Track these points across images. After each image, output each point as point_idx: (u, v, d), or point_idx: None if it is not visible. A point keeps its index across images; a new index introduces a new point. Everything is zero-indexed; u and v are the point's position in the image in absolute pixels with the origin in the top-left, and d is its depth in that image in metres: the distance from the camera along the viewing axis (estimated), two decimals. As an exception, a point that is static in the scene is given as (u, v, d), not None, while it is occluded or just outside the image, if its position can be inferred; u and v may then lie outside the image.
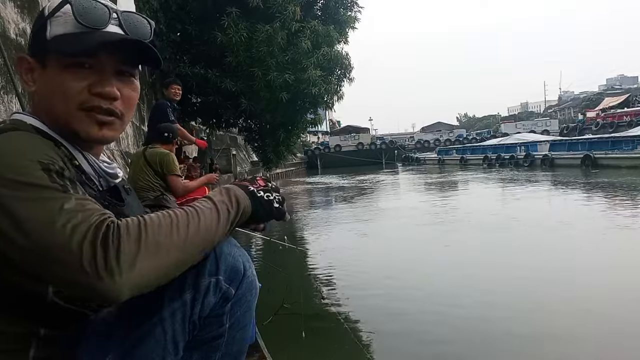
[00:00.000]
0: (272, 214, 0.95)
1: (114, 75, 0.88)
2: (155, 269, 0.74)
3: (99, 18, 0.85)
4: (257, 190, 0.93)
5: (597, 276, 4.86)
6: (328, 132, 62.97)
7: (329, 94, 10.93)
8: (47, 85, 0.86)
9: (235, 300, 0.95)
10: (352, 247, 7.31)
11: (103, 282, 0.69)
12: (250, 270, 0.98)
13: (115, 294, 0.71)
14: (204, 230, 0.81)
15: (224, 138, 20.60)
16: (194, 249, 0.80)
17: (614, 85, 77.43)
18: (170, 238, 0.76)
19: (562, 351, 3.25)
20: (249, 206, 0.90)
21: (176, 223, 0.78)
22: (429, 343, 3.50)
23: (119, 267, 0.70)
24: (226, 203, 0.86)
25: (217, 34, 9.61)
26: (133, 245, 0.72)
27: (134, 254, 0.72)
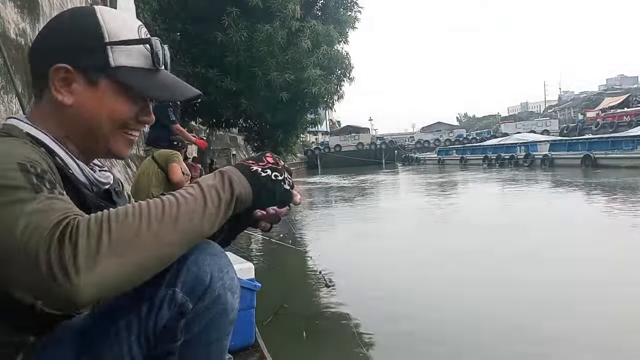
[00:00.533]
0: (278, 197, 0.85)
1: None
2: (121, 268, 0.68)
3: (164, 59, 0.93)
4: (262, 169, 0.84)
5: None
6: (328, 132, 62.98)
7: (329, 93, 10.94)
8: (94, 103, 0.88)
9: (193, 316, 0.84)
10: (353, 247, 7.31)
11: (60, 285, 0.64)
12: (220, 283, 0.85)
13: (74, 298, 0.65)
14: (184, 223, 0.73)
15: (224, 138, 20.60)
16: (170, 245, 0.73)
17: (614, 85, 77.42)
18: (138, 233, 0.69)
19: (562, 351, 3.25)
20: (247, 190, 0.81)
21: (147, 215, 0.71)
22: (429, 344, 3.50)
23: (76, 268, 0.65)
24: (217, 188, 0.78)
25: (218, 33, 9.62)
26: (93, 242, 0.67)
27: (93, 252, 0.66)
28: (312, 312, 4.23)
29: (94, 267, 0.66)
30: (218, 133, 16.78)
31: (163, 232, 0.71)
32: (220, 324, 0.88)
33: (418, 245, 7.04)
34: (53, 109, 0.88)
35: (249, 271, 2.70)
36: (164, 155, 4.22)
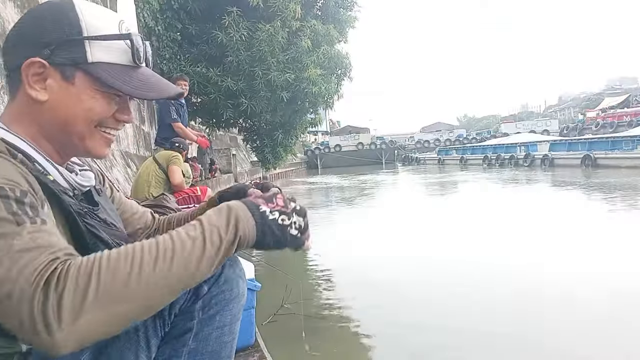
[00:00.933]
0: (283, 243, 0.80)
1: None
2: (105, 320, 0.66)
3: (145, 56, 0.89)
4: (270, 212, 0.79)
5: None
6: (328, 132, 63.00)
7: (329, 93, 10.94)
8: (70, 99, 0.84)
9: (209, 297, 0.91)
10: (353, 247, 7.31)
11: (40, 338, 0.63)
12: (231, 270, 0.93)
13: (54, 349, 0.64)
14: (179, 271, 0.69)
15: (224, 138, 20.60)
16: (160, 294, 0.69)
17: (614, 86, 77.36)
18: (128, 284, 0.66)
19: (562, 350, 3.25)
20: (252, 231, 0.77)
21: (139, 263, 0.67)
22: (429, 345, 3.49)
23: (59, 322, 0.63)
24: (220, 229, 0.74)
25: (218, 33, 9.63)
26: (79, 295, 0.64)
27: (78, 306, 0.63)
28: (312, 312, 4.23)
29: (77, 321, 0.64)
30: (218, 133, 16.77)
31: (154, 282, 0.68)
32: (232, 308, 0.95)
33: (419, 246, 7.03)
34: (27, 106, 0.84)
35: (249, 271, 2.70)
36: (164, 157, 4.26)
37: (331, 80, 10.98)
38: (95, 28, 0.84)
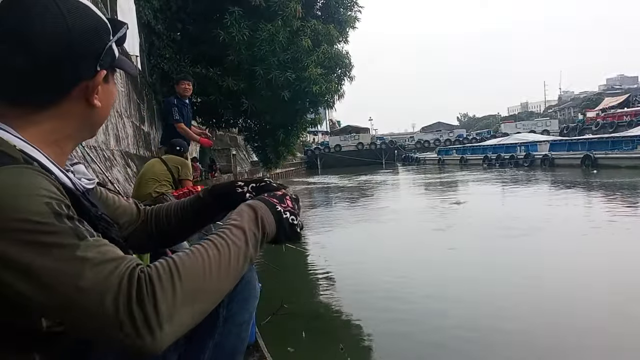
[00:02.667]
0: (291, 239, 0.92)
1: None
2: (192, 314, 0.73)
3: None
4: (284, 211, 0.90)
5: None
6: (328, 132, 63.01)
7: (329, 92, 10.94)
8: (107, 96, 0.87)
9: (233, 296, 0.94)
10: (353, 247, 7.31)
11: (144, 340, 0.67)
12: (250, 272, 0.98)
13: (155, 349, 0.68)
14: (235, 265, 0.79)
15: (224, 138, 20.61)
16: (227, 285, 0.79)
17: (614, 85, 77.44)
18: (204, 281, 0.73)
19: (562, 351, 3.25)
20: (273, 229, 0.87)
21: (208, 264, 0.74)
22: (429, 345, 3.49)
23: (159, 323, 0.67)
24: (254, 232, 0.83)
25: (220, 32, 9.62)
26: (169, 297, 0.69)
27: (170, 306, 0.69)
28: (312, 312, 4.23)
29: (172, 319, 0.69)
30: (218, 133, 16.78)
31: (222, 276, 0.76)
32: (249, 307, 1.03)
33: (419, 246, 7.04)
34: (65, 117, 0.81)
35: (249, 271, 2.70)
36: (174, 162, 4.28)
37: (332, 80, 10.98)
38: (112, 25, 0.84)
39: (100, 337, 0.69)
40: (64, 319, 0.69)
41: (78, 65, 0.78)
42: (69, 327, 0.71)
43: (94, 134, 0.93)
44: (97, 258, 0.68)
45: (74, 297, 0.66)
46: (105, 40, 0.82)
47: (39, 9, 0.75)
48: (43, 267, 0.65)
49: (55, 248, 0.66)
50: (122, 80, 7.06)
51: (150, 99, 9.75)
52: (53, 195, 0.69)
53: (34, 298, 0.66)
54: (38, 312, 0.73)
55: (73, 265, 0.66)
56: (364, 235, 8.43)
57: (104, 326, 0.67)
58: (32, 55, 0.74)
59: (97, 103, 0.83)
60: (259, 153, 14.61)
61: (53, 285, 0.65)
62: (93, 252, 0.68)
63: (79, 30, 0.77)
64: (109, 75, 0.85)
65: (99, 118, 0.88)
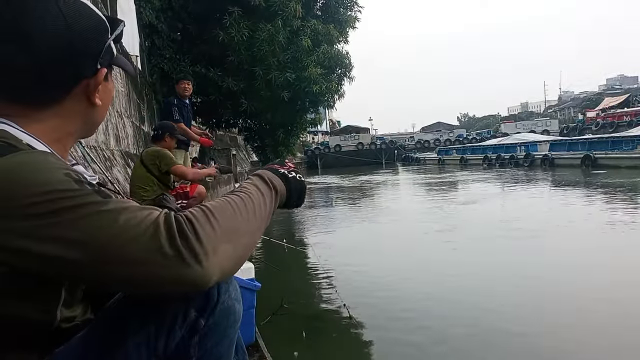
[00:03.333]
0: (303, 197, 0.94)
1: None
2: (232, 252, 0.73)
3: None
4: (288, 172, 0.92)
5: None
6: (328, 132, 62.98)
7: (329, 92, 10.95)
8: (107, 95, 0.88)
9: (206, 331, 0.87)
10: (353, 247, 7.31)
11: (193, 270, 0.67)
12: (227, 295, 0.89)
13: (206, 280, 0.69)
14: (260, 211, 0.80)
15: (224, 138, 20.60)
16: (256, 230, 0.79)
17: (614, 85, 77.44)
18: (235, 221, 0.75)
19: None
20: (282, 187, 0.89)
21: (236, 207, 0.77)
22: (429, 345, 3.49)
23: (205, 252, 0.68)
24: (266, 188, 0.86)
25: (219, 32, 9.62)
26: (210, 231, 0.70)
27: (213, 239, 0.70)
28: (312, 312, 4.23)
29: (216, 251, 0.70)
30: (218, 133, 16.78)
31: (251, 221, 0.78)
32: (230, 335, 0.93)
33: (419, 246, 7.04)
34: (68, 114, 0.82)
35: (249, 271, 2.70)
36: (149, 157, 4.01)
37: (332, 80, 10.99)
38: (109, 23, 0.84)
39: (147, 280, 0.68)
40: (107, 275, 0.68)
41: (79, 63, 0.79)
42: (114, 282, 0.70)
43: (92, 133, 0.94)
44: (129, 208, 0.69)
45: (115, 243, 0.66)
46: (105, 39, 0.82)
47: (39, 10, 0.75)
48: (78, 226, 0.65)
49: (84, 207, 0.67)
50: (122, 80, 7.06)
51: (150, 99, 9.75)
52: (69, 168, 0.72)
53: (75, 262, 0.66)
54: (80, 279, 0.73)
55: (105, 216, 0.67)
56: (364, 235, 8.43)
57: (150, 264, 0.66)
58: (33, 55, 0.75)
59: (98, 101, 0.84)
60: (259, 153, 14.61)
61: (91, 240, 0.65)
62: (122, 204, 0.69)
63: (79, 29, 0.78)
64: (108, 73, 0.86)
65: (98, 116, 0.89)
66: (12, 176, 0.66)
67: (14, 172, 0.66)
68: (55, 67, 0.77)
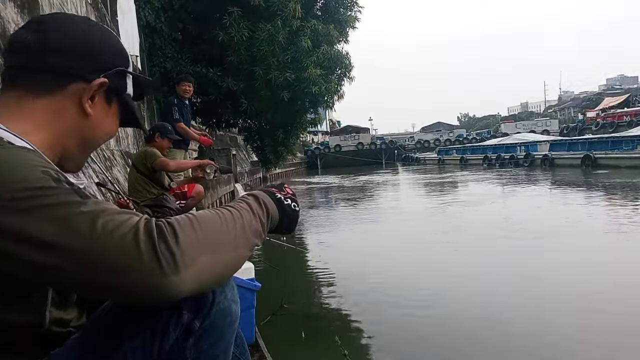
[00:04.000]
0: (294, 226, 0.93)
1: None
2: (213, 265, 0.71)
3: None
4: (284, 198, 0.91)
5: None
6: (328, 132, 62.97)
7: (329, 92, 10.94)
8: (104, 120, 0.90)
9: (201, 333, 0.86)
10: (353, 247, 7.31)
11: (168, 280, 0.65)
12: (223, 296, 0.87)
13: (178, 291, 0.66)
14: (248, 231, 0.78)
15: (224, 138, 20.59)
16: (243, 246, 0.77)
17: (614, 85, 77.41)
18: (220, 234, 0.74)
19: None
20: (276, 212, 0.88)
21: (224, 220, 0.75)
22: (430, 345, 3.49)
23: (184, 261, 0.66)
24: (258, 209, 0.84)
25: (219, 32, 9.62)
26: (192, 238, 0.69)
27: (194, 247, 0.68)
28: (312, 312, 4.23)
29: (196, 261, 0.68)
30: (218, 133, 16.77)
31: (239, 236, 0.76)
32: (227, 336, 0.92)
33: (420, 246, 7.04)
34: (60, 112, 0.83)
35: (249, 271, 2.70)
36: (138, 159, 4.02)
37: (331, 80, 10.98)
38: (130, 63, 0.93)
39: (122, 286, 0.65)
40: (84, 280, 0.65)
41: (83, 63, 0.83)
42: (89, 287, 0.67)
43: (85, 155, 0.92)
44: (108, 210, 0.67)
45: (91, 247, 0.64)
46: (117, 63, 0.89)
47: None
48: (53, 227, 0.64)
49: (61, 207, 0.65)
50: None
51: (150, 99, 9.74)
52: (48, 165, 0.71)
53: (50, 263, 0.64)
54: (55, 282, 0.71)
55: (83, 218, 0.65)
56: (365, 235, 8.43)
57: (126, 269, 0.64)
58: (48, 40, 0.82)
59: (90, 111, 0.85)
60: (258, 153, 14.61)
61: (67, 241, 0.64)
62: (101, 206, 0.68)
63: (98, 38, 0.87)
64: (112, 100, 0.90)
65: (90, 133, 0.88)
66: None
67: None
68: (61, 55, 0.82)
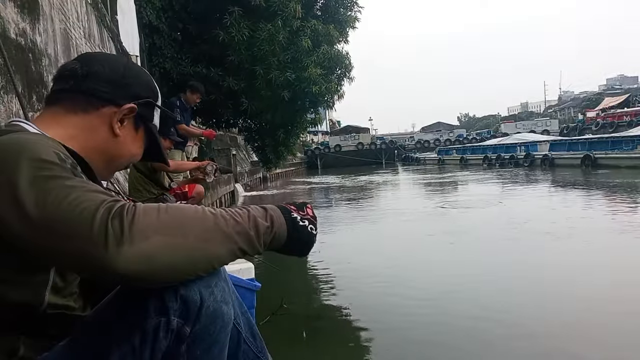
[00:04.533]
0: (307, 250, 0.93)
1: None
2: (169, 248, 0.72)
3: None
4: (300, 219, 0.90)
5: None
6: (328, 132, 63.01)
7: (329, 92, 10.95)
8: (130, 143, 1.02)
9: (193, 339, 0.84)
10: (354, 247, 7.31)
11: (110, 251, 0.69)
12: (212, 298, 0.85)
13: (120, 263, 0.69)
14: (232, 229, 0.79)
15: (224, 138, 20.59)
16: (217, 243, 0.77)
17: (614, 85, 77.43)
18: (189, 222, 0.75)
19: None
20: (283, 232, 0.87)
21: (201, 213, 0.78)
22: (430, 345, 3.49)
23: (130, 238, 0.69)
24: (260, 221, 0.84)
25: (219, 32, 9.64)
26: (149, 219, 0.72)
27: (147, 227, 0.71)
28: (312, 312, 4.23)
29: (144, 241, 0.71)
30: (218, 133, 16.80)
31: (214, 229, 0.77)
32: (220, 338, 0.89)
33: (420, 247, 7.04)
34: (91, 130, 0.96)
35: (249, 271, 2.70)
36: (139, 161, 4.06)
37: (332, 80, 10.99)
38: (159, 98, 1.08)
39: (69, 252, 0.71)
40: (40, 242, 0.71)
41: (116, 91, 0.98)
42: (43, 251, 0.73)
43: (109, 171, 1.04)
44: (88, 187, 0.76)
45: (55, 215, 0.71)
46: (147, 93, 1.03)
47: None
48: (36, 194, 0.72)
49: (53, 178, 0.74)
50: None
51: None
52: (61, 151, 0.81)
53: (19, 223, 0.71)
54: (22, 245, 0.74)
55: (64, 189, 0.73)
56: (365, 235, 8.43)
57: (75, 235, 0.70)
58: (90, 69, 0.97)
59: (118, 132, 0.98)
60: (258, 153, 14.62)
61: (44, 204, 0.71)
62: (86, 185, 0.76)
63: (134, 73, 1.03)
64: (139, 126, 1.03)
65: (116, 152, 1.00)
66: (12, 146, 0.77)
67: (15, 143, 0.78)
68: (99, 82, 0.97)
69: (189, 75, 9.90)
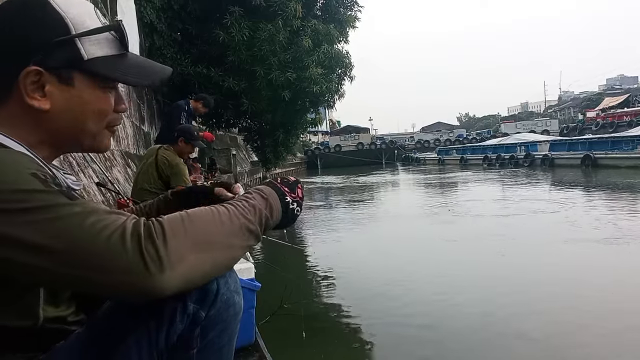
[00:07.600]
0: (286, 227, 0.94)
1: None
2: (203, 262, 0.72)
3: (129, 41, 0.85)
4: (292, 201, 0.91)
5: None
6: (328, 132, 62.99)
7: (330, 92, 10.96)
8: (74, 103, 0.80)
9: (207, 323, 0.88)
10: (353, 247, 7.31)
11: (153, 279, 0.66)
12: (226, 287, 0.89)
13: (164, 289, 0.68)
14: (245, 230, 0.79)
15: (224, 138, 20.58)
16: (236, 247, 0.78)
17: (614, 85, 77.49)
18: (212, 233, 0.74)
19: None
20: (278, 218, 0.88)
21: (218, 218, 0.76)
22: (429, 344, 3.49)
23: (170, 261, 0.67)
24: (264, 213, 0.84)
25: (220, 32, 9.63)
26: (180, 238, 0.70)
27: (181, 247, 0.69)
28: (312, 312, 4.23)
29: (183, 260, 0.69)
30: (218, 133, 16.79)
31: (232, 233, 0.77)
32: (231, 326, 0.93)
33: (421, 246, 7.04)
34: (25, 114, 0.78)
35: (249, 271, 2.70)
36: (165, 162, 3.86)
37: (332, 80, 11.00)
38: (81, 22, 0.78)
39: (110, 285, 0.67)
40: (74, 280, 0.67)
41: (11, 56, 0.76)
42: (80, 286, 0.70)
43: (87, 139, 0.85)
44: (96, 210, 0.68)
45: (79, 247, 0.65)
46: (47, 36, 0.76)
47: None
48: (42, 230, 0.65)
49: (51, 208, 0.66)
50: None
51: (150, 99, 9.75)
52: (35, 168, 0.70)
53: (40, 265, 0.65)
54: (47, 283, 0.72)
55: (71, 220, 0.66)
56: (365, 235, 8.43)
57: (113, 269, 0.66)
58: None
59: (37, 104, 0.77)
60: (258, 153, 14.62)
61: (55, 243, 0.65)
62: (89, 207, 0.69)
63: (8, 26, 0.76)
64: (70, 77, 0.78)
65: (60, 125, 0.80)
66: None
67: None
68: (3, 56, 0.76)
69: (190, 76, 9.90)
